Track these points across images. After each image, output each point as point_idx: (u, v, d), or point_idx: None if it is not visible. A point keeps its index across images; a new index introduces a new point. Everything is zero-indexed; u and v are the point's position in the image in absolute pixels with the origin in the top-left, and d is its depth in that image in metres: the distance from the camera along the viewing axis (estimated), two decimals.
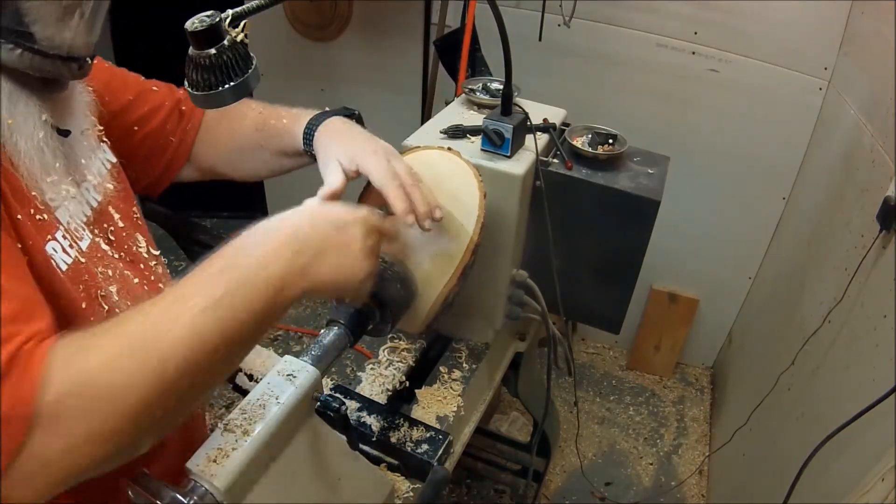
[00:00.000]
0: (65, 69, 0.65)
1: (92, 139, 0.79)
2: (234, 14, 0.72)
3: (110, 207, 0.80)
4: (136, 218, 0.86)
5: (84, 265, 0.70)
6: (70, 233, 0.69)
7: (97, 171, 0.79)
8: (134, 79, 0.96)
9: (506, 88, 1.02)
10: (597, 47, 2.20)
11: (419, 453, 0.97)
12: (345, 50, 2.50)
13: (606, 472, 2.35)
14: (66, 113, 0.73)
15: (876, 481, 1.00)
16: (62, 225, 0.68)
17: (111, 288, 0.73)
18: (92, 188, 0.77)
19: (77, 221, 0.72)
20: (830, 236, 1.73)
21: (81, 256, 0.69)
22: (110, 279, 0.74)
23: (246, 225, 0.73)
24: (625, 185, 1.11)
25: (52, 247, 0.65)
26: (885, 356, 1.23)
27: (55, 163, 0.68)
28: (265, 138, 0.97)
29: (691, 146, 2.23)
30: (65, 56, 0.64)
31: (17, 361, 0.49)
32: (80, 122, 0.76)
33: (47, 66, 0.63)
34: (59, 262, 0.65)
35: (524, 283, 1.19)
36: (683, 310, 2.58)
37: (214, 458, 0.63)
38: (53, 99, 0.69)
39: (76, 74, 0.68)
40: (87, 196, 0.75)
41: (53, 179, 0.68)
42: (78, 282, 0.68)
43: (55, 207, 0.68)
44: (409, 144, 1.08)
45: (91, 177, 0.77)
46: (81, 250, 0.70)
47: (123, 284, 0.76)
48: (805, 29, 1.94)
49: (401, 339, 1.22)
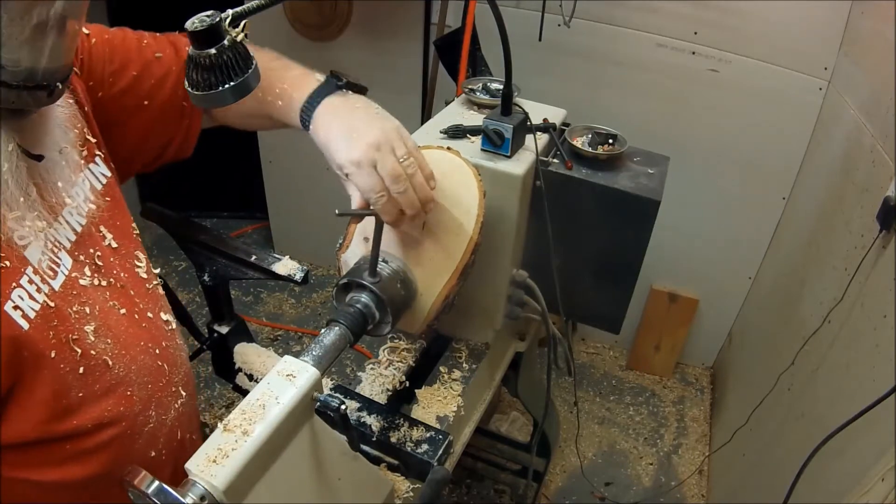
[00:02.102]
0: (30, 99, 0.59)
1: (73, 156, 0.74)
2: (234, 14, 0.72)
3: (102, 227, 0.76)
4: (136, 235, 0.82)
5: (54, 309, 0.65)
6: (41, 272, 0.65)
7: (81, 191, 0.74)
8: (136, 48, 0.89)
9: (506, 88, 1.02)
10: (597, 47, 2.20)
11: (419, 453, 0.97)
12: (345, 50, 2.50)
13: (606, 472, 2.35)
14: (41, 134, 0.67)
15: (876, 481, 1.00)
16: (32, 264, 0.64)
17: (87, 328, 0.69)
18: (74, 211, 0.72)
19: (52, 255, 0.67)
20: (830, 236, 1.73)
21: (51, 300, 0.65)
22: (86, 318, 0.69)
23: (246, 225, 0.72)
24: (625, 185, 1.11)
25: (17, 294, 0.61)
26: (885, 356, 1.23)
27: (20, 196, 0.63)
28: (266, 105, 0.93)
29: (691, 146, 2.23)
30: (31, 85, 0.58)
31: None
32: (56, 142, 0.70)
33: (12, 97, 0.57)
34: (26, 311, 0.62)
35: (524, 283, 1.19)
36: (683, 310, 2.58)
37: (214, 458, 0.63)
38: (22, 124, 0.63)
39: (44, 102, 0.62)
40: (70, 219, 0.71)
41: (17, 215, 0.63)
42: (46, 329, 0.65)
43: (24, 246, 0.63)
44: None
45: (71, 199, 0.72)
46: (53, 290, 0.66)
47: (104, 321, 0.72)
48: (805, 29, 1.94)
49: (401, 339, 1.22)
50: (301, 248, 3.05)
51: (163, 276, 1.19)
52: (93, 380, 0.70)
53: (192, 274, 2.94)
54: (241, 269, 1.17)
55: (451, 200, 0.96)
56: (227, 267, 1.17)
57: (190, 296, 2.94)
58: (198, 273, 1.21)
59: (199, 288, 1.49)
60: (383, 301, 0.88)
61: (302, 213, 2.97)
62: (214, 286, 1.20)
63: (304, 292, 3.05)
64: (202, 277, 1.20)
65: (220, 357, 1.24)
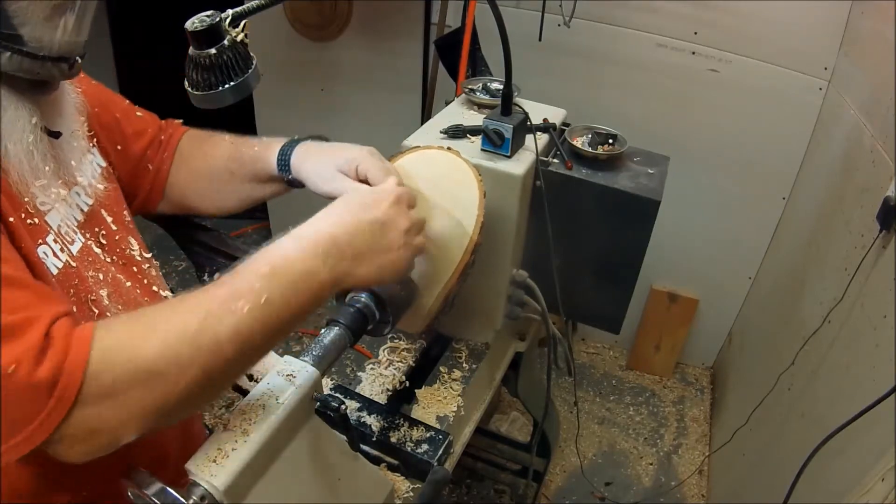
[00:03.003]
0: (55, 70, 0.65)
1: (82, 140, 0.79)
2: (234, 14, 0.72)
3: (102, 210, 0.80)
4: (128, 221, 0.86)
5: (75, 269, 0.70)
6: (61, 237, 0.69)
7: (88, 172, 0.79)
8: (119, 99, 0.95)
9: (506, 88, 1.02)
10: (597, 47, 2.20)
11: (419, 453, 0.97)
12: (345, 50, 2.50)
13: (606, 472, 2.35)
14: (56, 114, 0.72)
15: (876, 481, 1.00)
16: (52, 229, 0.68)
17: (102, 292, 0.73)
18: (83, 191, 0.76)
19: (68, 225, 0.71)
20: (830, 236, 1.73)
21: (72, 260, 0.69)
22: (101, 283, 0.74)
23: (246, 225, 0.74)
24: (625, 185, 1.11)
25: (42, 251, 0.65)
26: (885, 356, 1.23)
27: (45, 166, 0.68)
28: (237, 166, 0.97)
29: (691, 146, 2.23)
30: (55, 57, 0.63)
31: (56, 337, 0.53)
32: (69, 124, 0.75)
33: (37, 68, 0.62)
34: (49, 266, 0.66)
35: (524, 283, 1.19)
36: (683, 310, 2.58)
37: (214, 458, 0.63)
38: (43, 100, 0.68)
39: (67, 74, 0.67)
40: (77, 199, 0.75)
41: (43, 183, 0.68)
42: (68, 286, 0.68)
43: (46, 211, 0.68)
44: (409, 144, 1.08)
45: (82, 178, 0.77)
46: (72, 254, 0.70)
47: (115, 288, 0.76)
48: (805, 29, 1.94)
49: (401, 339, 1.22)
50: None
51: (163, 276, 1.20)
52: None
53: (192, 274, 2.93)
54: None
55: (451, 201, 0.96)
56: (227, 267, 1.17)
57: None
58: (198, 273, 1.21)
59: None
60: (383, 301, 0.88)
61: (302, 213, 2.96)
62: None
63: None
64: (202, 277, 1.20)
65: None
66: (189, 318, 0.58)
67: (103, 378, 0.54)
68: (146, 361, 0.55)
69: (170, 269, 3.07)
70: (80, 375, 0.52)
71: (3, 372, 0.50)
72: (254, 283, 0.62)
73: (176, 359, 0.57)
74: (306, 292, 0.66)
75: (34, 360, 0.51)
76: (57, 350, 0.52)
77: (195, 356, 0.57)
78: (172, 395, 0.57)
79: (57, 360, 0.52)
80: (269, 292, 0.62)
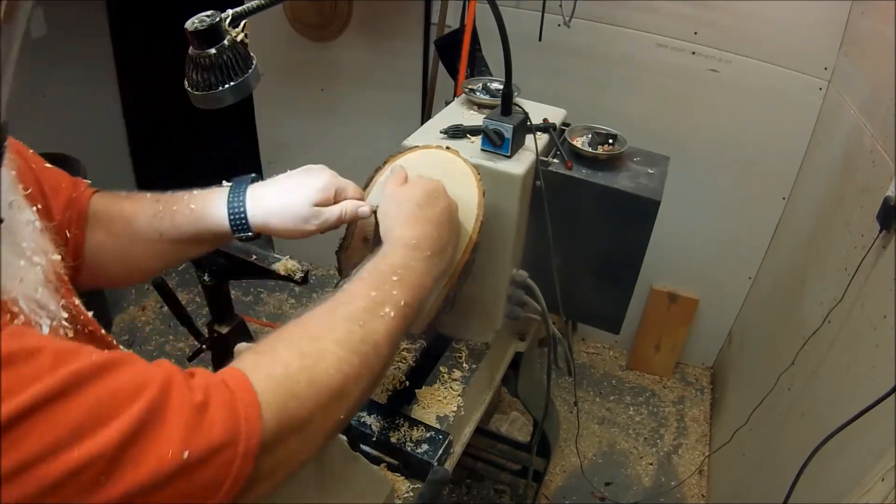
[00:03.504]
0: None
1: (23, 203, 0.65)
2: (234, 14, 0.72)
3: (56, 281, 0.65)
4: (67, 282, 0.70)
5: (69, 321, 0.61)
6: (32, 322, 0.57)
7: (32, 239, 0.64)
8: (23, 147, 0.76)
9: (506, 88, 1.02)
10: (597, 47, 2.20)
11: (419, 453, 0.97)
12: (345, 50, 2.50)
13: (606, 472, 2.35)
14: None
15: (876, 481, 1.00)
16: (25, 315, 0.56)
17: None
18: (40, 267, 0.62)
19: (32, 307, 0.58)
20: (830, 236, 1.73)
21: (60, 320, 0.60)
22: None
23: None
24: (625, 185, 1.11)
25: None
26: (885, 356, 1.23)
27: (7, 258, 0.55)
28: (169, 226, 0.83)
29: (691, 146, 2.23)
30: None
31: (216, 393, 0.49)
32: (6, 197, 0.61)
33: None
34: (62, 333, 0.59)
35: (524, 283, 1.19)
36: (683, 310, 2.58)
37: None
38: None
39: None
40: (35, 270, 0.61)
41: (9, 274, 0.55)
42: None
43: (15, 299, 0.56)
44: (409, 144, 1.08)
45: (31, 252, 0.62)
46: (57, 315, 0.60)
47: None
48: (805, 29, 1.94)
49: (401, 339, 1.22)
50: (301, 248, 3.04)
51: (163, 277, 1.19)
52: None
53: (192, 274, 2.94)
54: (241, 269, 1.17)
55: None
56: (227, 267, 1.17)
57: (190, 296, 2.94)
58: (198, 273, 1.21)
59: (199, 288, 1.49)
60: None
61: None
62: (214, 286, 1.20)
63: (304, 292, 3.05)
64: (202, 277, 1.20)
65: (221, 357, 1.24)
66: (352, 330, 0.62)
67: (285, 412, 0.52)
68: (325, 380, 0.56)
69: (170, 269, 3.07)
70: (258, 419, 0.50)
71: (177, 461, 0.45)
72: (391, 291, 0.69)
73: (351, 370, 0.59)
74: (425, 289, 0.74)
75: (201, 430, 0.46)
76: (219, 405, 0.48)
77: (364, 364, 0.61)
78: (349, 408, 0.59)
79: (225, 413, 0.48)
80: (404, 297, 0.70)
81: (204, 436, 0.46)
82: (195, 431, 0.46)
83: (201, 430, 0.46)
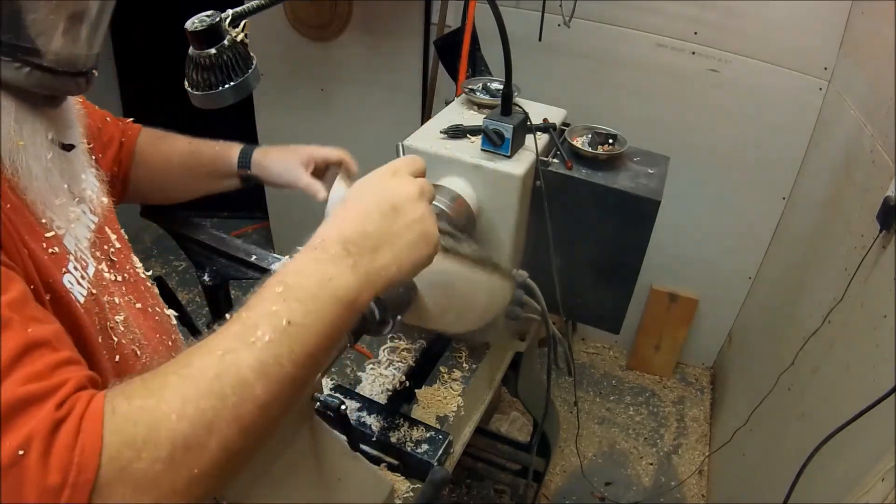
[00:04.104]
0: (72, 85, 0.62)
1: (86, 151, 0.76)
2: (234, 14, 0.72)
3: (106, 228, 0.76)
4: (125, 238, 0.83)
5: (95, 296, 0.66)
6: (78, 261, 0.65)
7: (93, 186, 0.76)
8: (91, 105, 0.94)
9: (506, 88, 1.02)
10: (597, 47, 2.20)
11: (419, 453, 0.97)
12: (345, 50, 2.50)
13: (606, 472, 2.35)
14: (66, 126, 0.68)
15: (876, 481, 0.99)
16: (71, 254, 0.64)
17: (118, 318, 0.70)
18: (88, 209, 0.72)
19: (82, 247, 0.68)
20: (830, 236, 1.73)
21: (92, 287, 0.66)
22: (117, 308, 0.70)
23: (246, 225, 0.73)
24: (625, 185, 1.11)
25: (67, 280, 0.61)
26: (885, 356, 1.22)
27: (63, 184, 0.65)
28: (196, 163, 1.09)
29: (691, 146, 2.23)
30: (72, 71, 0.61)
31: (71, 417, 0.45)
32: (78, 135, 0.71)
33: (56, 83, 0.60)
34: (76, 296, 0.62)
35: (524, 283, 1.19)
36: (683, 310, 2.58)
37: None
38: (55, 114, 0.65)
39: (83, 88, 0.64)
40: (85, 218, 0.71)
41: (62, 202, 0.65)
42: (92, 314, 0.65)
43: (62, 235, 0.64)
44: (409, 144, 1.08)
45: (90, 192, 0.74)
46: (91, 279, 0.67)
47: (129, 312, 0.73)
48: (805, 29, 1.94)
49: (401, 339, 1.22)
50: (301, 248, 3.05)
51: (163, 276, 1.20)
52: (126, 368, 0.70)
53: (192, 274, 2.94)
54: (241, 269, 1.17)
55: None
56: (227, 267, 1.17)
57: (190, 296, 2.94)
58: (198, 273, 1.21)
59: (199, 288, 1.49)
60: (382, 300, 0.88)
61: (302, 213, 2.96)
62: (214, 286, 1.20)
63: None
64: (202, 277, 1.20)
65: None
66: (206, 363, 0.49)
67: (119, 459, 0.44)
68: (164, 425, 0.46)
69: (170, 270, 3.07)
70: (96, 456, 0.43)
71: (10, 457, 0.42)
72: (269, 308, 0.52)
73: (198, 414, 0.47)
74: (332, 302, 0.55)
75: (45, 442, 0.43)
76: (69, 427, 0.44)
77: (219, 406, 0.48)
78: (203, 461, 0.47)
79: (69, 438, 0.44)
80: (289, 314, 0.52)
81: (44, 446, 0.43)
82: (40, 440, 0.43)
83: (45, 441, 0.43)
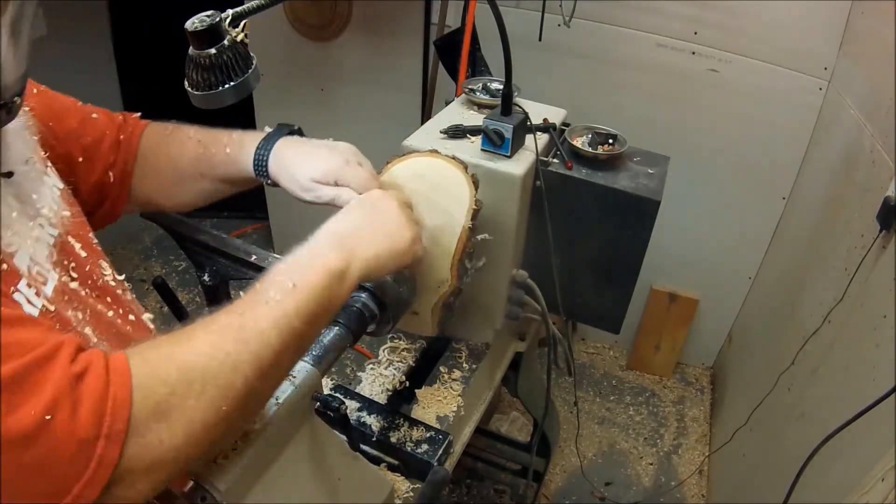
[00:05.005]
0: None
1: (38, 165, 0.71)
2: (234, 14, 0.72)
3: (70, 238, 0.73)
4: (95, 244, 0.79)
5: (54, 312, 0.64)
6: (33, 279, 0.63)
7: (49, 199, 0.71)
8: (72, 103, 0.87)
9: (506, 88, 1.02)
10: (597, 47, 2.20)
11: (419, 453, 0.98)
12: (345, 50, 2.50)
13: (606, 472, 2.35)
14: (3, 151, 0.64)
15: (876, 481, 0.99)
16: (23, 272, 0.61)
17: (87, 330, 0.68)
18: (46, 222, 0.69)
19: (38, 263, 0.65)
20: (830, 236, 1.73)
21: (49, 303, 0.64)
22: (83, 321, 0.68)
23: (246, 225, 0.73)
24: (625, 185, 1.11)
25: (17, 298, 0.59)
26: (885, 356, 1.22)
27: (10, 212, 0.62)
28: (208, 168, 0.94)
29: (691, 146, 2.23)
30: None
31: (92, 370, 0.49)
32: (21, 154, 0.68)
33: None
34: (30, 312, 0.60)
35: (524, 283, 1.19)
36: (683, 310, 2.58)
37: (214, 458, 0.63)
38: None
39: (4, 121, 0.58)
40: (42, 233, 0.68)
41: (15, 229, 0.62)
42: None
43: (13, 253, 0.61)
44: (409, 144, 1.08)
45: (45, 209, 0.70)
46: (48, 296, 0.64)
47: (98, 322, 0.70)
48: (805, 29, 1.94)
49: (401, 339, 1.22)
50: None
51: (163, 276, 1.19)
52: None
53: (192, 274, 2.94)
54: (241, 269, 1.16)
55: (444, 197, 0.96)
56: (227, 267, 1.17)
57: (190, 296, 2.94)
58: (198, 273, 1.21)
59: (199, 288, 1.49)
60: (382, 300, 0.88)
61: (302, 213, 2.95)
62: (214, 286, 1.20)
63: None
64: (202, 277, 1.20)
65: None
66: (229, 320, 0.59)
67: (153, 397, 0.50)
68: (196, 365, 0.54)
69: (170, 270, 3.07)
70: (128, 401, 0.49)
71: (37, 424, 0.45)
72: (276, 278, 0.65)
73: (226, 357, 0.56)
74: (325, 273, 0.67)
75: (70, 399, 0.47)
76: (93, 380, 0.48)
77: (243, 350, 0.57)
78: (230, 398, 0.55)
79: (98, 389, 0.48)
80: (293, 280, 0.64)
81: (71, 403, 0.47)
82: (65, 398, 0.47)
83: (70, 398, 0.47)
